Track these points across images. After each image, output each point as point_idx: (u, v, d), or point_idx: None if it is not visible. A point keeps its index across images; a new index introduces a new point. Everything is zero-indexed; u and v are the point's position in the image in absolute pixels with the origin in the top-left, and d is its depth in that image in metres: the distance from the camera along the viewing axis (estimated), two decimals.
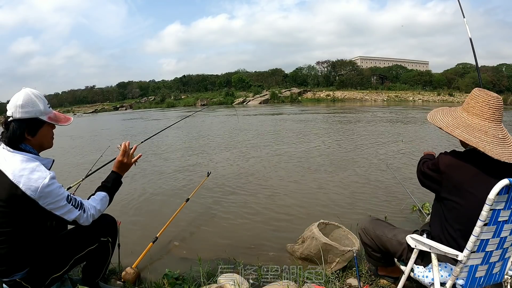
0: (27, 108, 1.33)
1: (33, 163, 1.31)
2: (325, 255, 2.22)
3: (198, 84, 77.19)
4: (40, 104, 1.37)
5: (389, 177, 4.87)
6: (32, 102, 1.34)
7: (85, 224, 1.42)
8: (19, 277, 1.36)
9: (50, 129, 1.45)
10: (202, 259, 2.35)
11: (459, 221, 1.34)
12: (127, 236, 2.76)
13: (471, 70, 62.06)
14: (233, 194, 4.52)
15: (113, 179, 1.65)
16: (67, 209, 1.35)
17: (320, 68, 68.55)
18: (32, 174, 1.27)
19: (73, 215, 1.37)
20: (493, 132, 1.30)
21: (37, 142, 1.39)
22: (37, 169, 1.30)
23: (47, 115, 1.39)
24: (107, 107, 63.83)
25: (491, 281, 1.38)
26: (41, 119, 1.37)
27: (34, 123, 1.36)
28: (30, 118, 1.34)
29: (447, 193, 1.36)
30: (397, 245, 1.60)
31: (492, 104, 1.32)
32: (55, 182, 1.32)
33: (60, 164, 7.25)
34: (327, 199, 4.24)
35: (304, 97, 54.86)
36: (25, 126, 1.34)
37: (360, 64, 71.74)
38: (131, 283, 2.06)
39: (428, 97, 49.67)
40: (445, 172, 1.35)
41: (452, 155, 1.37)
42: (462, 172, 1.32)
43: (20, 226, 1.32)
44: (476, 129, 1.32)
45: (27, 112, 1.33)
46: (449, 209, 1.37)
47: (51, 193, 1.29)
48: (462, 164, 1.33)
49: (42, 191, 1.26)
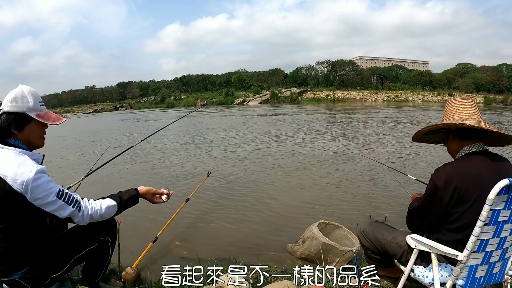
0: (16, 102, 1.33)
1: (20, 157, 1.28)
2: (325, 255, 2.23)
3: (198, 84, 77.24)
4: (30, 100, 1.35)
5: (390, 177, 4.86)
6: (22, 97, 1.34)
7: (81, 224, 1.37)
8: (19, 276, 1.35)
9: (40, 127, 1.41)
10: (202, 259, 2.36)
11: (464, 226, 1.32)
12: (127, 236, 2.76)
13: (471, 70, 62.11)
14: (234, 194, 4.52)
15: (132, 195, 1.56)
16: (58, 206, 1.29)
17: (320, 68, 68.74)
18: (18, 168, 1.23)
19: (66, 212, 1.31)
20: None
21: (24, 138, 1.36)
22: (24, 163, 1.26)
23: (36, 112, 1.37)
24: (107, 107, 63.81)
25: (491, 281, 1.38)
26: (28, 115, 1.35)
27: (21, 118, 1.34)
28: (18, 112, 1.33)
29: (451, 207, 1.34)
30: (396, 247, 1.60)
31: (466, 101, 1.46)
32: (44, 176, 1.27)
33: (66, 162, 7.26)
34: (327, 199, 4.24)
35: (304, 97, 54.90)
36: (11, 120, 1.32)
37: (360, 64, 71.76)
38: (131, 283, 2.06)
39: (428, 97, 49.72)
40: (445, 186, 1.32)
41: (446, 166, 1.39)
42: (462, 179, 1.31)
43: (15, 223, 1.30)
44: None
45: (16, 106, 1.33)
46: (452, 221, 1.36)
47: (39, 187, 1.24)
48: (459, 170, 1.34)
49: (28, 184, 1.22)
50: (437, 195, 1.35)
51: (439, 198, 1.34)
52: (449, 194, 1.32)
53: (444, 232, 1.40)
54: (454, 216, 1.34)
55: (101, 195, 1.55)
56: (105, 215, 1.44)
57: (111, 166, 5.99)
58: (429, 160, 6.29)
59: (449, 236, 1.38)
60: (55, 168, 6.75)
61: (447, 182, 1.32)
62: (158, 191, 1.64)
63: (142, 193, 1.59)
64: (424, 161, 6.35)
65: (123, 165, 6.62)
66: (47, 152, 1.50)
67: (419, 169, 5.71)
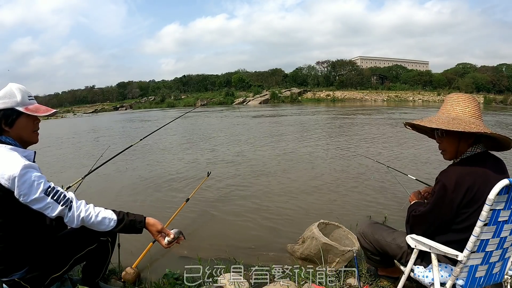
0: (4, 99, 1.33)
1: (10, 153, 1.28)
2: (325, 255, 2.23)
3: (198, 84, 77.23)
4: (18, 95, 1.35)
5: (390, 177, 4.86)
6: (10, 93, 1.35)
7: (72, 225, 1.32)
8: (18, 276, 1.35)
9: (30, 121, 1.40)
10: (202, 259, 2.35)
11: (472, 226, 1.30)
12: (127, 236, 2.75)
13: (471, 70, 62.09)
14: (233, 194, 4.52)
15: (138, 220, 1.44)
16: (45, 203, 1.25)
17: (320, 68, 68.69)
18: (6, 163, 1.24)
19: (54, 211, 1.26)
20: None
21: (15, 134, 1.36)
22: (13, 159, 1.26)
23: (24, 106, 1.36)
24: (107, 107, 63.82)
25: (491, 281, 1.38)
26: (17, 109, 1.35)
27: (10, 113, 1.34)
28: (6, 108, 1.33)
29: (461, 208, 1.32)
30: (396, 248, 1.60)
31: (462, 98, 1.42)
32: (31, 171, 1.25)
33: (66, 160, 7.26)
34: (327, 199, 4.24)
35: (304, 97, 54.89)
36: (0, 116, 1.33)
37: (360, 64, 71.79)
38: (131, 283, 2.06)
39: (428, 97, 49.68)
40: (456, 187, 1.30)
41: (455, 167, 1.37)
42: (474, 179, 1.30)
43: (10, 221, 1.29)
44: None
45: (4, 103, 1.33)
46: (460, 221, 1.35)
47: (25, 182, 1.22)
48: (470, 171, 1.32)
49: (14, 179, 1.21)
50: (447, 197, 1.32)
51: (449, 200, 1.32)
52: (460, 195, 1.30)
53: (449, 232, 1.39)
54: (463, 216, 1.33)
55: (100, 194, 1.55)
56: (98, 225, 1.36)
57: (111, 166, 6.00)
58: (429, 160, 6.29)
59: (455, 236, 1.36)
60: (55, 168, 6.75)
61: (458, 183, 1.30)
62: (165, 230, 1.48)
63: (147, 223, 1.46)
64: (424, 161, 6.35)
65: (122, 165, 6.62)
66: (47, 152, 1.50)
67: (419, 169, 5.71)
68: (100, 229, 1.37)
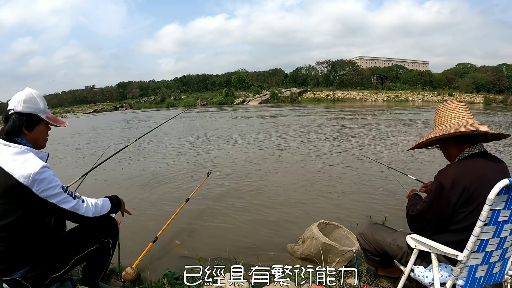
0: (28, 103, 1.41)
1: (26, 154, 1.34)
2: (325, 255, 2.23)
3: (198, 84, 77.16)
4: (40, 102, 1.45)
5: (390, 177, 4.86)
6: (33, 99, 1.43)
7: (86, 215, 1.44)
8: (19, 275, 1.36)
9: (46, 129, 1.50)
10: (202, 259, 2.36)
11: (470, 226, 1.31)
12: (127, 236, 2.76)
13: (471, 70, 62.08)
14: (233, 194, 4.52)
15: (114, 197, 1.74)
16: (63, 197, 1.36)
17: (320, 68, 68.62)
18: (24, 163, 1.30)
19: (70, 204, 1.38)
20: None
21: (32, 138, 1.43)
22: (30, 159, 1.33)
23: (45, 114, 1.46)
24: (107, 107, 63.76)
25: (491, 281, 1.38)
26: (39, 116, 1.44)
27: (33, 119, 1.42)
28: (30, 113, 1.41)
29: (458, 207, 1.34)
30: (396, 249, 1.60)
31: (459, 105, 1.47)
32: (48, 170, 1.34)
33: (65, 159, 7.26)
34: (327, 199, 4.24)
35: (304, 97, 54.85)
36: (24, 120, 1.39)
37: (360, 64, 71.76)
38: (131, 283, 2.06)
39: (428, 97, 49.65)
40: (453, 187, 1.32)
41: (452, 167, 1.39)
42: (470, 179, 1.31)
43: (19, 221, 1.31)
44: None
45: (28, 107, 1.40)
46: (458, 221, 1.36)
47: (44, 180, 1.31)
48: (466, 170, 1.34)
49: (34, 177, 1.28)
50: (443, 196, 1.34)
51: (446, 199, 1.33)
52: (457, 194, 1.31)
53: (448, 233, 1.39)
54: (460, 216, 1.34)
55: (100, 194, 1.57)
56: (102, 209, 1.55)
57: (111, 166, 6.00)
58: (430, 160, 6.28)
59: (454, 236, 1.37)
60: (55, 169, 6.75)
61: (454, 182, 1.31)
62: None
63: (116, 200, 1.72)
64: (424, 161, 6.35)
65: (122, 165, 6.62)
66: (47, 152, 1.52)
67: (419, 169, 5.71)
68: (104, 211, 1.56)
